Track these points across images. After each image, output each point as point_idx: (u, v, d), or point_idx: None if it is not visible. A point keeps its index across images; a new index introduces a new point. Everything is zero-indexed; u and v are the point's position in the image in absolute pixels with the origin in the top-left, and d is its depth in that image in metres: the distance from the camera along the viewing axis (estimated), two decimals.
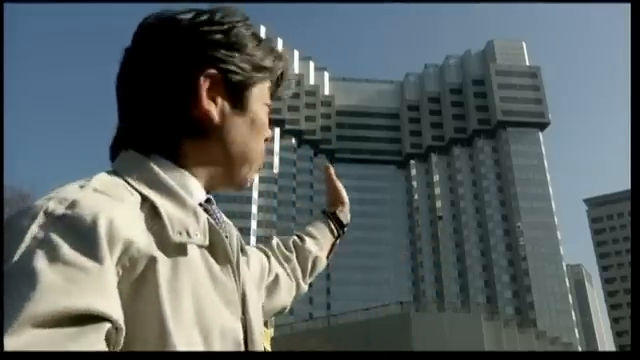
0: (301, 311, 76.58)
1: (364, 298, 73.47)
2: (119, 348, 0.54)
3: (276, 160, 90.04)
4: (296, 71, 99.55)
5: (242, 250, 0.76)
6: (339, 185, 1.28)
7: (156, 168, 0.68)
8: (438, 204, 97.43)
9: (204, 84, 0.70)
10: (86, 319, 0.50)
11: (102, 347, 0.51)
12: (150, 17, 0.73)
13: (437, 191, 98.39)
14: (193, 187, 0.71)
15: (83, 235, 0.54)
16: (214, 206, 0.75)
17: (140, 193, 0.64)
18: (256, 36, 0.76)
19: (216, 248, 0.67)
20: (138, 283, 0.57)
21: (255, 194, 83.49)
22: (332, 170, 1.26)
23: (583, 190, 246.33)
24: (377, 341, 30.94)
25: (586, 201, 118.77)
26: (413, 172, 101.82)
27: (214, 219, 0.71)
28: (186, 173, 0.71)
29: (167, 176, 0.68)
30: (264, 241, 1.09)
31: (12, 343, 0.46)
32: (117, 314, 0.53)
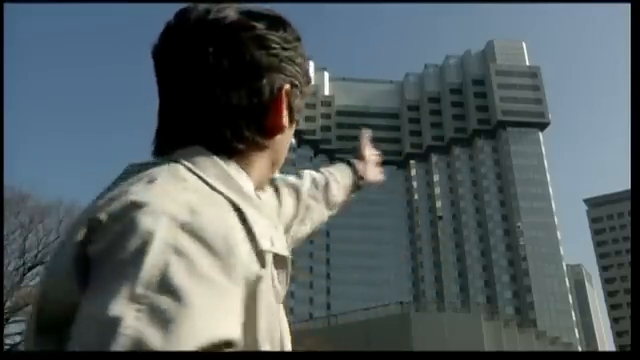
0: (301, 311, 76.62)
1: (364, 298, 73.41)
2: None
3: None
4: None
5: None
6: (368, 145, 1.41)
7: (231, 170, 0.68)
8: (438, 204, 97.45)
9: (284, 98, 0.71)
10: (223, 345, 0.49)
11: None
12: (223, 17, 0.70)
13: (437, 191, 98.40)
14: (253, 192, 0.71)
15: (212, 248, 0.52)
16: None
17: (221, 193, 0.62)
18: (303, 48, 0.78)
19: (277, 257, 0.64)
20: (245, 305, 0.55)
21: None
22: (367, 135, 1.40)
23: (583, 190, 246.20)
24: (377, 341, 30.93)
25: (586, 201, 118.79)
26: (413, 172, 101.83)
27: None
28: (248, 178, 0.71)
29: (238, 179, 0.68)
30: (296, 173, 1.16)
31: None
32: (241, 340, 0.52)
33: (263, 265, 0.58)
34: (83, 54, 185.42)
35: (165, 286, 0.47)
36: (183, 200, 0.55)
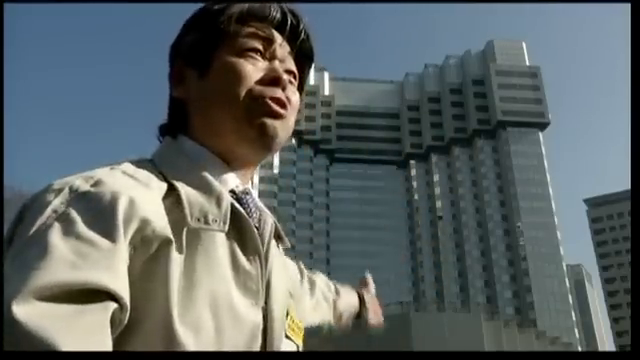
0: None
1: None
2: (122, 327, 0.54)
3: (276, 160, 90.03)
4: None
5: (280, 238, 0.79)
6: (371, 285, 1.41)
7: (186, 157, 0.73)
8: (438, 204, 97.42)
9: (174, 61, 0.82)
10: (93, 296, 0.51)
11: (106, 326, 0.51)
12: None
13: (437, 191, 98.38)
14: (223, 172, 0.74)
15: (101, 212, 0.56)
16: (249, 196, 0.77)
17: (168, 181, 0.67)
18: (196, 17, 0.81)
19: (243, 236, 0.68)
20: (150, 262, 0.58)
21: (255, 194, 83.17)
22: (370, 277, 1.36)
23: (583, 190, 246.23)
24: (377, 341, 30.91)
25: (586, 201, 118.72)
26: (413, 172, 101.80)
27: (245, 208, 0.72)
28: (209, 152, 0.75)
29: (198, 162, 0.72)
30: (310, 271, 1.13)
31: (15, 314, 0.45)
32: (124, 293, 0.54)
33: (199, 239, 0.63)
34: (83, 54, 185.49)
35: (37, 242, 0.52)
36: (99, 177, 0.61)
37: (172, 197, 0.65)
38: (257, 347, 0.64)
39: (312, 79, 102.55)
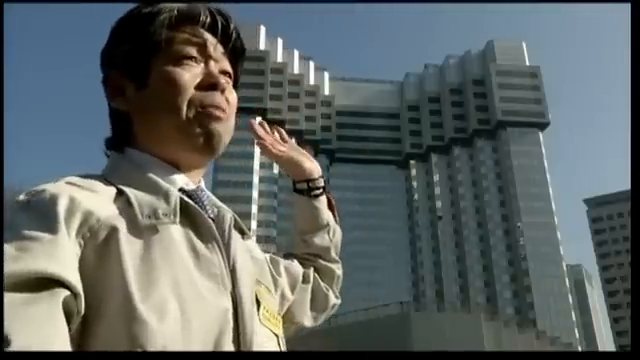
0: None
1: (364, 298, 73.44)
2: (81, 315, 0.56)
3: None
4: (296, 71, 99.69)
5: (242, 232, 0.80)
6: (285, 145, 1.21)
7: (133, 164, 0.75)
8: (438, 204, 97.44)
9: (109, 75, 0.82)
10: (40, 285, 0.53)
11: (59, 312, 0.53)
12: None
13: (437, 191, 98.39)
14: (168, 172, 0.76)
15: (40, 211, 0.60)
16: (202, 192, 0.78)
17: (116, 187, 0.69)
18: (119, 27, 0.82)
19: (199, 227, 0.70)
20: (102, 248, 0.60)
21: (255, 194, 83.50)
22: (257, 127, 1.10)
23: (583, 190, 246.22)
24: (377, 341, 30.90)
25: (586, 201, 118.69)
26: (413, 172, 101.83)
27: (198, 202, 0.74)
28: (155, 159, 0.76)
29: (144, 167, 0.74)
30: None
31: None
32: (72, 279, 0.55)
33: (153, 233, 0.65)
34: (84, 54, 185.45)
35: None
36: (41, 188, 0.65)
37: (121, 200, 0.67)
38: (229, 331, 0.65)
39: (312, 79, 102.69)
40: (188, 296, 0.63)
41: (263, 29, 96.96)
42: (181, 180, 0.77)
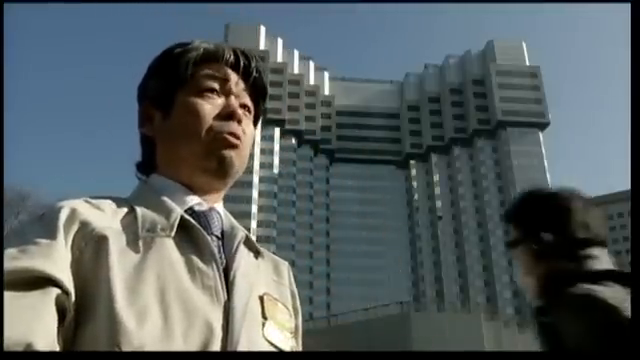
0: (301, 311, 76.58)
1: (364, 298, 73.41)
2: (71, 313, 0.62)
3: (276, 160, 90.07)
4: (296, 71, 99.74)
5: (256, 252, 0.85)
6: None
7: (152, 188, 0.82)
8: (438, 204, 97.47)
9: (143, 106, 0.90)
10: (34, 284, 0.59)
11: (47, 307, 0.58)
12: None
13: (437, 191, 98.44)
14: (183, 194, 0.82)
15: (46, 221, 0.68)
16: (214, 212, 0.83)
17: (130, 207, 0.76)
18: (158, 64, 0.90)
19: (197, 241, 0.75)
20: (95, 258, 0.66)
21: (255, 194, 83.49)
22: None
23: (583, 190, 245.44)
24: (377, 341, 30.89)
25: None
26: (413, 172, 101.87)
27: (203, 220, 0.79)
28: (173, 182, 0.83)
29: (161, 190, 0.81)
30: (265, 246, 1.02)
31: None
32: (64, 279, 0.61)
33: (150, 245, 0.71)
34: (84, 54, 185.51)
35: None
36: (60, 203, 0.72)
37: (130, 217, 0.74)
38: (217, 341, 0.67)
39: (312, 79, 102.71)
40: (174, 304, 0.66)
41: (263, 29, 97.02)
42: (192, 201, 0.81)
